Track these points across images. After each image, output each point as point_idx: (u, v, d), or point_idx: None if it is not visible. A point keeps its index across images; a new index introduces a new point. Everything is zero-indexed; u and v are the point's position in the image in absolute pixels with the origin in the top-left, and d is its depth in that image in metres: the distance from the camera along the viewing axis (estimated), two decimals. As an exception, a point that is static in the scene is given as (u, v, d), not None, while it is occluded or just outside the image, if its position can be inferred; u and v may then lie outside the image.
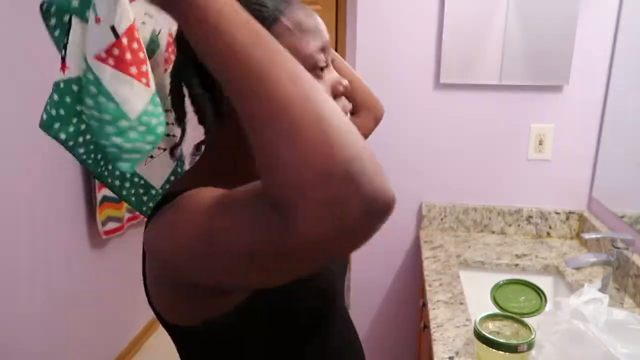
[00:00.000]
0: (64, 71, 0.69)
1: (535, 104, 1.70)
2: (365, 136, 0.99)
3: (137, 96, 0.70)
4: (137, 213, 2.48)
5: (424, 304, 1.50)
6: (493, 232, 1.81)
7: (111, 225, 2.25)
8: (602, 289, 1.29)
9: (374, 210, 0.41)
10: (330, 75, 0.66)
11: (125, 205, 2.32)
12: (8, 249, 1.77)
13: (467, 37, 1.65)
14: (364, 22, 1.73)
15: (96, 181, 2.15)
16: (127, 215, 2.36)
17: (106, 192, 2.20)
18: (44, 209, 1.94)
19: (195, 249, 0.50)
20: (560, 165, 1.74)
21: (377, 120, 1.02)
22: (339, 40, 3.96)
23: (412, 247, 1.90)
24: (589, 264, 1.29)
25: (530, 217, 1.78)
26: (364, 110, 0.98)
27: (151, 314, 2.85)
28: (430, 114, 1.76)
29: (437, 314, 1.26)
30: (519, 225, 1.79)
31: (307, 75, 0.44)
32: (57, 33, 0.73)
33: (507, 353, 0.92)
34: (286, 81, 0.43)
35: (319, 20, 0.66)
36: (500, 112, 1.73)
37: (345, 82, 0.66)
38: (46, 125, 0.75)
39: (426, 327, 1.45)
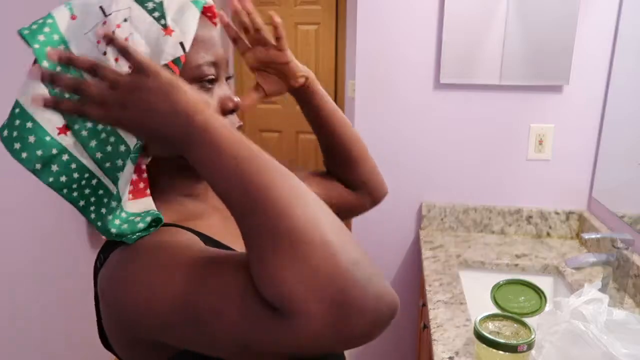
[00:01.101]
0: None
1: (535, 104, 1.70)
2: (357, 214, 0.95)
3: None
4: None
5: (424, 304, 1.50)
6: (493, 232, 1.81)
7: (111, 225, 2.25)
8: (602, 289, 1.29)
9: (380, 312, 0.43)
10: (221, 90, 0.62)
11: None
12: (8, 249, 1.77)
13: (467, 37, 1.65)
14: (364, 22, 1.73)
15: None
16: (127, 215, 2.35)
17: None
18: (44, 209, 1.94)
19: (171, 318, 0.47)
20: (560, 165, 1.74)
21: (375, 203, 0.97)
22: (339, 40, 3.96)
23: (412, 247, 1.90)
24: (589, 264, 1.29)
25: (530, 217, 1.78)
26: (364, 190, 0.95)
27: (151, 314, 2.85)
28: (430, 114, 1.76)
29: (437, 314, 1.26)
30: (519, 225, 1.79)
31: (306, 191, 0.47)
32: None
33: (507, 353, 0.92)
34: (290, 200, 0.44)
35: (216, 34, 0.62)
36: (500, 112, 1.73)
37: (236, 99, 0.63)
38: None
39: (426, 327, 1.45)
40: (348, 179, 0.93)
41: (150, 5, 0.56)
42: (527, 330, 0.96)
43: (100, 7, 0.56)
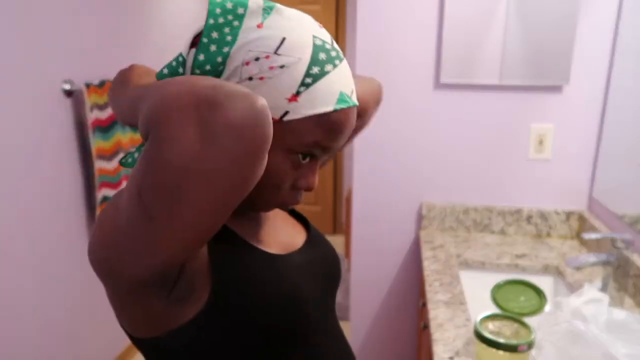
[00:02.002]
0: None
1: (535, 104, 1.70)
2: (366, 124, 0.92)
3: None
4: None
5: (424, 304, 1.50)
6: (493, 232, 1.81)
7: (111, 225, 2.25)
8: (602, 289, 1.29)
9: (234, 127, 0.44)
10: (309, 168, 0.65)
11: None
12: (8, 249, 1.77)
13: (467, 37, 1.65)
14: (364, 22, 1.73)
15: (96, 181, 2.15)
16: (127, 216, 2.35)
17: (106, 192, 2.20)
18: (44, 209, 1.94)
19: (106, 227, 0.52)
20: (560, 165, 1.74)
21: (377, 104, 0.93)
22: (339, 40, 3.96)
23: (412, 247, 1.90)
24: (589, 264, 1.29)
25: (530, 217, 1.78)
26: (367, 109, 0.92)
27: (151, 314, 2.85)
28: (430, 114, 1.76)
29: (437, 314, 1.26)
30: (519, 225, 1.79)
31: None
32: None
33: (507, 353, 0.92)
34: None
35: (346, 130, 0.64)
36: (500, 112, 1.73)
37: (313, 182, 0.65)
38: None
39: (426, 327, 1.45)
40: None
41: (314, 70, 0.57)
42: (527, 330, 0.96)
43: (282, 39, 0.57)
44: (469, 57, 1.67)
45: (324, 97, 0.58)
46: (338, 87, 0.59)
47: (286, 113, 0.57)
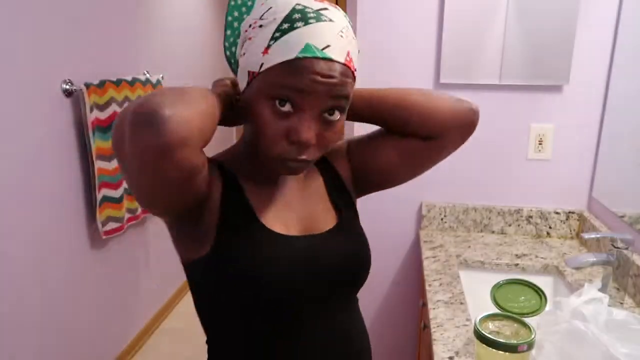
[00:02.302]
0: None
1: (535, 104, 1.70)
2: (444, 149, 0.91)
3: None
4: (138, 213, 2.48)
5: (424, 304, 1.50)
6: (493, 232, 1.81)
7: (111, 225, 2.25)
8: (602, 289, 1.29)
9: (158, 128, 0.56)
10: (298, 120, 0.71)
11: (125, 205, 2.32)
12: (8, 249, 1.77)
13: (467, 37, 1.65)
14: (364, 22, 1.73)
15: (96, 181, 2.15)
16: (127, 216, 2.36)
17: (106, 192, 2.20)
18: (44, 209, 1.94)
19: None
20: (560, 165, 1.74)
21: (464, 132, 0.91)
22: (339, 40, 3.96)
23: (412, 247, 1.90)
24: (589, 263, 1.29)
25: (530, 217, 1.78)
26: (445, 135, 0.88)
27: (151, 314, 2.85)
28: (430, 114, 1.76)
29: (437, 313, 1.26)
30: (519, 225, 1.79)
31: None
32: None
33: (507, 353, 0.92)
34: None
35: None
36: (500, 112, 1.73)
37: (305, 135, 0.70)
38: None
39: (426, 327, 1.45)
40: (421, 136, 0.87)
41: (284, 26, 0.66)
42: (527, 330, 0.96)
43: (268, 9, 0.69)
44: (468, 57, 1.67)
45: (290, 47, 0.65)
46: (305, 39, 0.65)
47: (262, 65, 0.67)
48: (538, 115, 1.71)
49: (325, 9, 0.68)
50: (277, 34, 0.66)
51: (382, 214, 1.88)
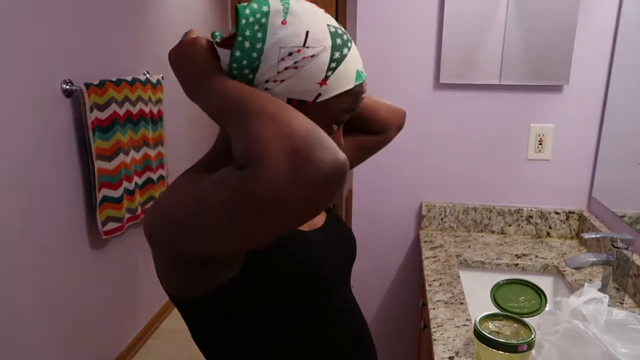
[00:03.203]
0: None
1: (535, 104, 1.70)
2: (386, 143, 1.03)
3: None
4: (137, 213, 2.48)
5: (424, 304, 1.51)
6: (493, 232, 1.81)
7: (111, 225, 2.25)
8: (602, 289, 1.29)
9: (327, 163, 0.52)
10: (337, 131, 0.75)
11: (125, 205, 2.32)
12: (8, 249, 1.77)
13: (467, 37, 1.65)
14: (364, 22, 1.73)
15: (96, 181, 2.15)
16: (127, 216, 2.36)
17: (106, 192, 2.20)
18: (44, 209, 1.94)
19: (182, 213, 0.60)
20: (560, 165, 1.74)
21: (399, 128, 1.05)
22: (339, 40, 3.96)
23: (412, 247, 1.90)
24: (589, 263, 1.29)
25: (530, 217, 1.78)
26: (387, 129, 1.01)
27: (151, 314, 2.85)
28: (430, 114, 1.76)
29: (437, 313, 1.26)
30: (519, 225, 1.79)
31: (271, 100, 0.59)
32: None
33: (507, 353, 0.92)
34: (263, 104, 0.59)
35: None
36: (500, 112, 1.73)
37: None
38: None
39: (426, 327, 1.45)
40: (368, 132, 0.99)
41: (336, 55, 0.67)
42: (527, 330, 0.96)
43: (306, 33, 0.65)
44: (468, 57, 1.67)
45: (346, 77, 0.68)
46: (354, 66, 0.69)
47: (319, 95, 0.67)
48: (538, 115, 1.71)
49: (335, 21, 0.70)
50: (333, 65, 0.66)
51: (382, 214, 1.88)
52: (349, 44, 0.69)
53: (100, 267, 2.34)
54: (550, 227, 1.77)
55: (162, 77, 2.72)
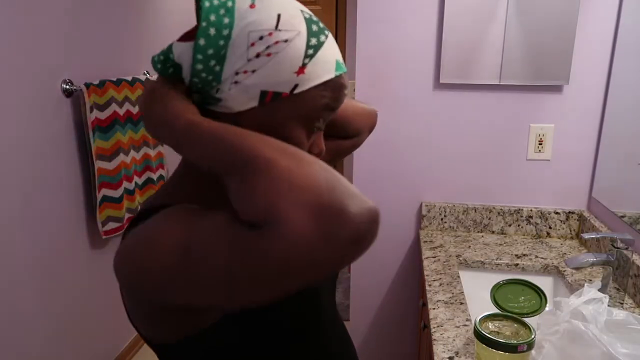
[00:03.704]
0: None
1: (535, 104, 1.70)
2: (357, 147, 0.98)
3: None
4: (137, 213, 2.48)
5: (424, 304, 1.51)
6: (493, 232, 1.81)
7: (111, 225, 2.25)
8: (602, 289, 1.29)
9: (362, 216, 0.46)
10: (317, 136, 0.68)
11: (125, 205, 2.32)
12: (8, 249, 1.77)
13: (467, 37, 1.65)
14: (364, 22, 1.73)
15: (96, 181, 2.15)
16: (127, 215, 2.36)
17: (106, 192, 2.20)
18: (44, 209, 1.94)
19: (171, 261, 0.50)
20: (560, 165, 1.74)
21: (371, 130, 1.01)
22: (339, 40, 3.96)
23: (412, 247, 1.90)
24: (589, 264, 1.29)
25: (530, 217, 1.78)
26: (360, 133, 0.96)
27: (151, 314, 2.85)
28: (429, 114, 1.76)
29: (437, 314, 1.26)
30: (519, 225, 1.79)
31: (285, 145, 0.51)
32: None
33: (507, 353, 0.92)
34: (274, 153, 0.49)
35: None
36: (500, 112, 1.73)
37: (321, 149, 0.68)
38: None
39: (426, 327, 1.45)
40: (340, 136, 0.92)
41: (313, 41, 0.60)
42: (527, 330, 0.96)
43: (278, 16, 0.58)
44: (468, 57, 1.67)
45: (325, 66, 0.61)
46: (333, 56, 0.62)
47: (296, 86, 0.59)
48: (538, 115, 1.71)
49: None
50: (310, 51, 0.59)
51: (382, 214, 1.87)
52: (326, 32, 0.62)
53: (100, 267, 2.34)
54: (550, 227, 1.77)
55: (162, 77, 2.72)
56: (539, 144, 1.73)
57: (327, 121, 0.67)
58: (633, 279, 1.32)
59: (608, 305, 0.99)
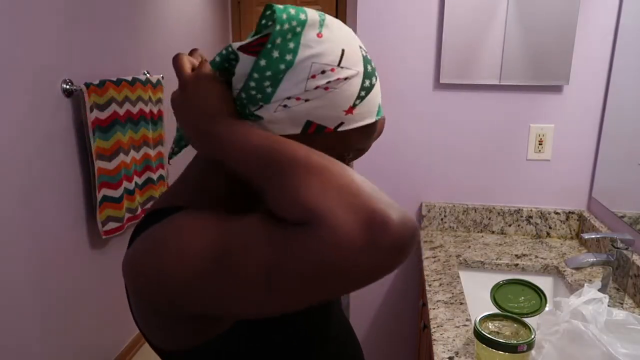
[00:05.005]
0: None
1: (535, 104, 1.70)
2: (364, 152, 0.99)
3: None
4: (138, 213, 2.48)
5: (424, 304, 1.51)
6: (493, 232, 1.81)
7: (111, 225, 2.25)
8: (602, 289, 1.29)
9: (404, 227, 0.45)
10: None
11: (125, 205, 2.32)
12: (8, 249, 1.77)
13: (467, 37, 1.65)
14: (364, 22, 1.73)
15: (96, 181, 2.15)
16: (127, 215, 2.36)
17: (106, 192, 2.20)
18: (44, 209, 1.94)
19: (202, 267, 0.49)
20: (560, 166, 1.74)
21: (378, 136, 1.02)
22: (339, 40, 3.96)
23: (412, 247, 1.90)
24: (589, 264, 1.29)
25: (530, 217, 1.78)
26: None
27: (151, 314, 2.86)
28: (429, 114, 1.76)
29: (437, 314, 1.26)
30: (519, 225, 1.79)
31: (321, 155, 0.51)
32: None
33: (507, 353, 0.92)
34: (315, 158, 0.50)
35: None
36: (500, 113, 1.73)
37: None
38: None
39: (426, 327, 1.45)
40: None
41: (367, 83, 0.60)
42: (527, 330, 0.96)
43: (342, 51, 0.58)
44: (468, 57, 1.67)
45: (370, 109, 0.61)
46: (378, 99, 0.63)
47: (341, 124, 0.59)
48: (538, 115, 1.71)
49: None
50: (363, 93, 0.59)
51: (382, 214, 1.88)
52: (376, 74, 0.63)
53: (100, 267, 2.34)
54: (550, 228, 1.77)
55: (162, 77, 2.72)
56: (539, 144, 1.73)
57: (354, 156, 0.67)
58: (633, 279, 1.32)
59: (608, 306, 0.99)
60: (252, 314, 0.50)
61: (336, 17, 3.98)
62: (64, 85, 2.02)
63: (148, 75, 2.61)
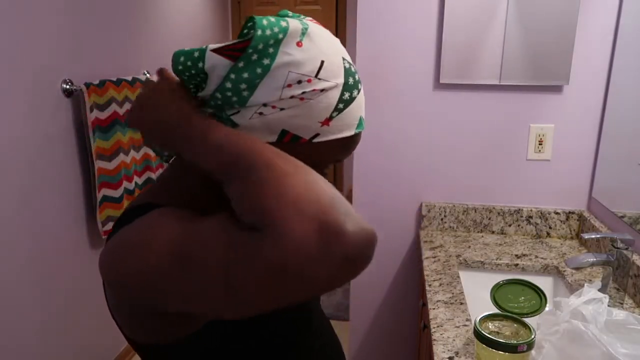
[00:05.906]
0: None
1: (535, 104, 1.70)
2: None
3: None
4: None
5: (424, 304, 1.51)
6: (493, 232, 1.81)
7: (111, 225, 2.25)
8: (602, 289, 1.29)
9: (359, 236, 0.46)
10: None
11: (125, 205, 2.32)
12: (8, 249, 1.77)
13: (467, 37, 1.65)
14: (364, 22, 1.73)
15: (96, 181, 2.15)
16: (127, 215, 2.36)
17: (106, 192, 2.20)
18: (44, 209, 1.94)
19: (165, 264, 0.50)
20: (560, 166, 1.74)
21: None
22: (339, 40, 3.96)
23: (412, 247, 1.90)
24: (589, 264, 1.29)
25: (530, 217, 1.78)
26: None
27: (151, 314, 2.85)
28: (429, 114, 1.76)
29: (437, 314, 1.26)
30: (518, 225, 1.79)
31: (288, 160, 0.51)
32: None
33: (507, 353, 0.92)
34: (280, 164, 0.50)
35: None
36: (500, 113, 1.73)
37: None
38: None
39: (426, 327, 1.45)
40: None
41: (346, 96, 0.60)
42: (527, 330, 0.96)
43: (321, 62, 0.58)
44: (468, 57, 1.67)
45: (349, 122, 0.61)
46: (359, 112, 0.62)
47: (316, 135, 0.60)
48: (538, 115, 1.71)
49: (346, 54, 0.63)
50: (341, 106, 0.59)
51: (382, 214, 1.88)
52: (359, 86, 0.62)
53: (100, 267, 2.33)
54: (550, 228, 1.77)
55: (162, 77, 2.72)
56: (539, 144, 1.73)
57: (327, 169, 0.67)
58: (633, 279, 1.32)
59: (608, 306, 0.99)
60: (215, 314, 0.51)
61: (336, 17, 3.98)
62: (64, 85, 2.02)
63: (148, 75, 2.61)
